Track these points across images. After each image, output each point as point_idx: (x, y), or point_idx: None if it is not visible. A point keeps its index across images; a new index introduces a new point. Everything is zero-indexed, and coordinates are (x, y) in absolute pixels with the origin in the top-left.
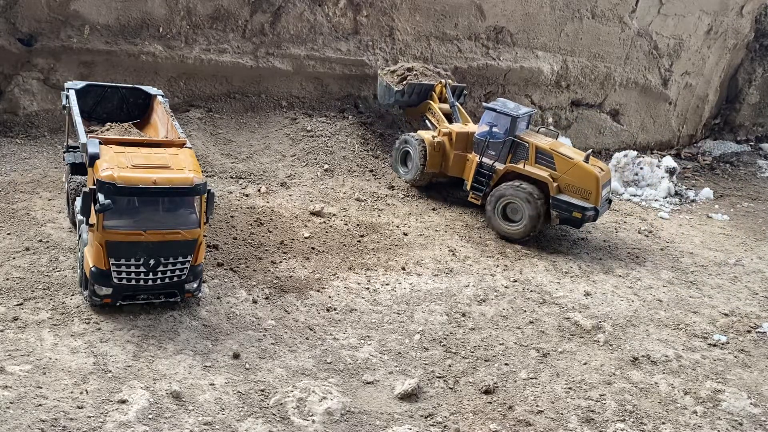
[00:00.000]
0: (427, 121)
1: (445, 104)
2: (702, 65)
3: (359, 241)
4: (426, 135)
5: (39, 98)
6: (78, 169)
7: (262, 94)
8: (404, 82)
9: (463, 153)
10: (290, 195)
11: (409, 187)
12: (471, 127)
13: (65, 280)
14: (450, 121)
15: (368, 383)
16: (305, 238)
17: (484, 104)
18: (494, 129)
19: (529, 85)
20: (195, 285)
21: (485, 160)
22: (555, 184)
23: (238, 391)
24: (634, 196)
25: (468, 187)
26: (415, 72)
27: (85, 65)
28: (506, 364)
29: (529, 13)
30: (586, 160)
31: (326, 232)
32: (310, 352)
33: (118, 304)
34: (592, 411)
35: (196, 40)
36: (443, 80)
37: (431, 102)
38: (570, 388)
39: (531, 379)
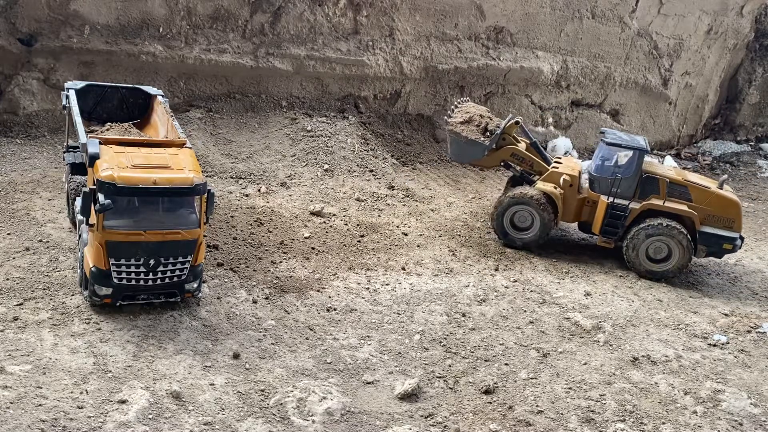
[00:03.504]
0: (511, 167)
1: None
2: (702, 65)
3: (359, 241)
4: (545, 187)
5: (39, 98)
6: (78, 169)
7: (262, 94)
8: (487, 133)
9: (579, 195)
10: (290, 195)
11: (409, 187)
12: (573, 164)
13: (65, 280)
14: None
15: (368, 383)
16: (305, 238)
17: (603, 138)
18: (608, 163)
19: (529, 85)
20: (195, 285)
21: (617, 200)
22: (698, 217)
23: (238, 391)
24: None
25: (598, 231)
26: (480, 115)
27: (85, 65)
28: (506, 364)
29: (529, 13)
30: (721, 187)
31: (326, 232)
32: (310, 352)
33: (118, 304)
34: (592, 411)
35: (196, 40)
36: (517, 118)
37: (515, 146)
38: (570, 388)
39: (531, 379)
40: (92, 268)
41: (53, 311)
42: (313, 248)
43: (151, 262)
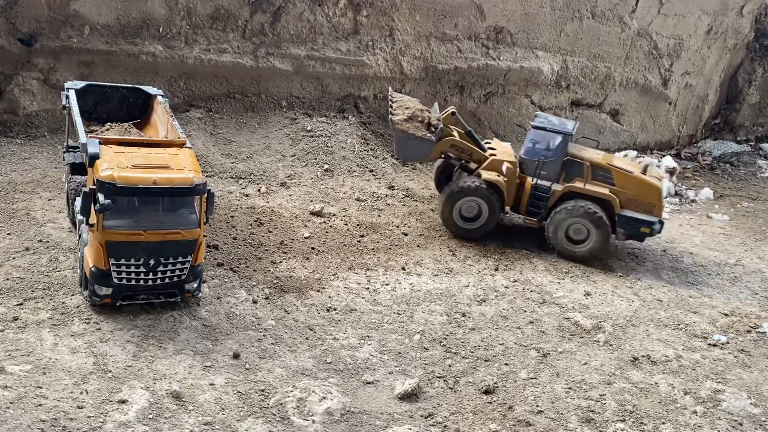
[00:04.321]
0: (451, 158)
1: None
2: (702, 65)
3: (359, 241)
4: (489, 176)
5: (39, 98)
6: (78, 169)
7: (262, 94)
8: (431, 128)
9: (517, 180)
10: (290, 195)
11: (409, 187)
12: (508, 150)
13: (65, 280)
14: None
15: (368, 383)
16: (305, 238)
17: (532, 123)
18: (538, 147)
19: (529, 85)
20: (195, 285)
21: (540, 181)
22: (617, 200)
23: (238, 391)
24: None
25: (523, 212)
26: (420, 110)
27: (85, 65)
28: (506, 364)
29: (529, 13)
30: (644, 171)
31: (326, 232)
32: (310, 352)
33: (118, 304)
34: (592, 411)
35: (196, 40)
36: (451, 109)
37: (454, 137)
38: (570, 388)
39: (531, 379)
40: (92, 268)
41: (53, 311)
42: (313, 248)
43: (151, 262)
